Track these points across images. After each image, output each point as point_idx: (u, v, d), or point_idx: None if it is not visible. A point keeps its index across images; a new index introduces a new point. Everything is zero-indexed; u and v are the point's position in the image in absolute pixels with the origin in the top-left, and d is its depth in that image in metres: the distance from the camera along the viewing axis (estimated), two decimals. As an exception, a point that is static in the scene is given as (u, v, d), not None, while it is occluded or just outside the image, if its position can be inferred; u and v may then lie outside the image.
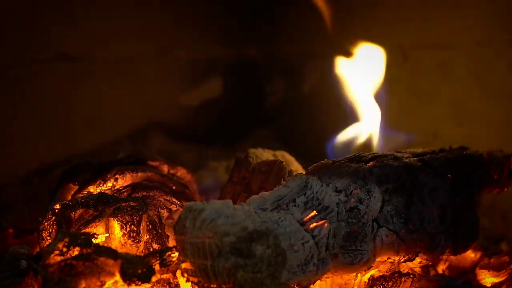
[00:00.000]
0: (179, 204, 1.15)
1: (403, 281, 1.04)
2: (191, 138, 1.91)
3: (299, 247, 0.91)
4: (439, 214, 1.04)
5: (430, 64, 1.69)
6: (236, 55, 1.94)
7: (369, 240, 0.99)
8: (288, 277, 0.90)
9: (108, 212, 1.07)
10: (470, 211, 1.08)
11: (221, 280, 0.88)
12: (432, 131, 1.67)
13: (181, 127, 1.93)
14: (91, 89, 1.74)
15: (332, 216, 0.97)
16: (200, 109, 1.94)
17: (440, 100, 1.69)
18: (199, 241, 0.88)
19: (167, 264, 0.96)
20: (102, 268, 0.93)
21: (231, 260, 0.87)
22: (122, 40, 1.77)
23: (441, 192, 1.05)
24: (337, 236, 0.96)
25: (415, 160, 1.07)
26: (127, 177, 1.18)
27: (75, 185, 1.18)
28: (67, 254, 0.93)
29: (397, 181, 1.03)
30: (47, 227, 1.08)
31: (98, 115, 1.77)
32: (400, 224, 1.01)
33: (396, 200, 1.02)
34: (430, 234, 1.03)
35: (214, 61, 1.94)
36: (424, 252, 1.04)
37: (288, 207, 0.96)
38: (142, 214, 1.08)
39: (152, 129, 1.88)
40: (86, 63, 1.73)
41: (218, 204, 0.91)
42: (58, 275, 0.92)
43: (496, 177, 1.16)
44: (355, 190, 1.00)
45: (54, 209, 1.09)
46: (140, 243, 1.06)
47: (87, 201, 1.09)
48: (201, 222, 0.89)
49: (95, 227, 1.06)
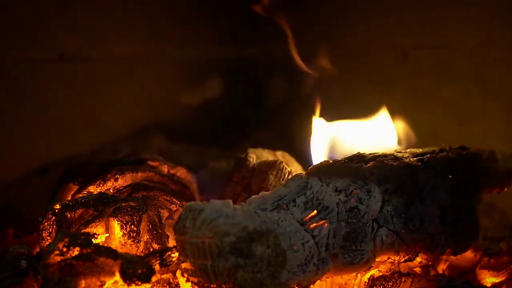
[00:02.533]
0: (179, 204, 1.15)
1: (403, 281, 1.04)
2: (191, 138, 1.91)
3: (299, 247, 0.91)
4: (439, 214, 1.04)
5: (430, 64, 1.69)
6: (236, 55, 1.94)
7: (369, 240, 0.99)
8: (288, 277, 0.90)
9: (108, 212, 1.07)
10: (470, 211, 1.08)
11: (221, 280, 0.88)
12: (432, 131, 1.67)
13: (181, 127, 1.93)
14: (91, 89, 1.74)
15: (332, 216, 0.97)
16: (200, 109, 1.94)
17: (440, 100, 1.69)
18: (199, 241, 0.88)
19: (167, 264, 0.96)
20: (102, 268, 0.93)
21: (231, 260, 0.87)
22: (122, 40, 1.77)
23: (441, 192, 1.05)
24: (337, 236, 0.96)
25: (415, 160, 1.07)
26: (127, 177, 1.18)
27: (75, 185, 1.18)
28: (67, 254, 0.94)
29: (397, 181, 1.03)
30: (47, 227, 1.08)
31: (98, 115, 1.77)
32: (400, 224, 1.01)
33: (396, 200, 1.02)
34: (430, 234, 1.03)
35: (214, 61, 1.94)
36: (424, 252, 1.04)
37: (288, 207, 0.96)
38: (142, 214, 1.08)
39: (152, 129, 1.88)
40: (86, 63, 1.73)
41: (218, 204, 0.91)
42: (58, 275, 0.92)
43: (496, 177, 1.16)
44: (355, 190, 1.00)
45: (54, 209, 1.09)
46: (140, 243, 1.06)
47: (87, 201, 1.09)
48: (201, 222, 0.89)
49: (95, 227, 1.06)
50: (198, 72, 1.93)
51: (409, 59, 1.72)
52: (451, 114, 1.68)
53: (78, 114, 1.74)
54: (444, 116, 1.69)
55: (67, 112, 1.71)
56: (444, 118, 1.69)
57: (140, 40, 1.81)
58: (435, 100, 1.70)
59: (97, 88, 1.76)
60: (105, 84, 1.77)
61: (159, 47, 1.85)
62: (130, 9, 1.78)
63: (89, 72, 1.74)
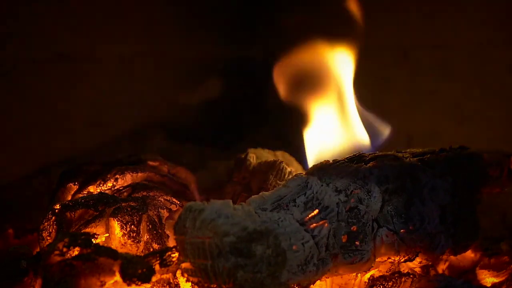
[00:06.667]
0: (179, 204, 1.15)
1: (403, 281, 1.04)
2: (191, 138, 1.91)
3: (299, 247, 0.91)
4: (439, 214, 1.04)
5: (430, 64, 1.70)
6: (236, 55, 1.94)
7: (369, 240, 0.99)
8: (288, 277, 0.90)
9: (108, 212, 1.07)
10: (470, 211, 1.08)
11: (221, 280, 0.88)
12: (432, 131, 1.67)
13: (181, 127, 1.93)
14: (91, 89, 1.74)
15: (332, 216, 0.97)
16: (200, 109, 1.94)
17: (440, 100, 1.69)
18: (199, 241, 0.88)
19: (167, 264, 0.96)
20: (102, 268, 0.93)
21: (231, 260, 0.87)
22: (122, 40, 1.78)
23: (441, 192, 1.05)
24: (337, 236, 0.96)
25: (415, 160, 1.07)
26: (127, 177, 1.18)
27: (75, 185, 1.18)
28: (67, 254, 0.94)
29: (397, 181, 1.03)
30: (47, 227, 1.08)
31: (98, 115, 1.77)
32: (400, 224, 1.01)
33: (396, 200, 1.02)
34: (430, 234, 1.03)
35: (214, 61, 1.94)
36: (424, 252, 1.04)
37: (288, 207, 0.96)
38: (142, 214, 1.08)
39: (152, 129, 1.88)
40: (86, 63, 1.73)
41: (218, 204, 0.91)
42: (58, 275, 0.92)
43: (496, 177, 1.16)
44: (355, 190, 1.00)
45: (54, 209, 1.09)
46: (140, 243, 1.06)
47: (87, 201, 1.09)
48: (201, 222, 0.89)
49: (95, 227, 1.06)
50: (198, 72, 1.93)
51: (409, 59, 1.72)
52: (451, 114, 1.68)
53: (78, 114, 1.74)
54: (444, 116, 1.69)
55: (67, 112, 1.72)
56: (444, 118, 1.69)
57: (140, 40, 1.81)
58: (435, 100, 1.70)
59: (97, 88, 1.76)
60: (105, 84, 1.77)
61: (159, 47, 1.85)
62: (130, 9, 1.78)
63: (89, 72, 1.74)
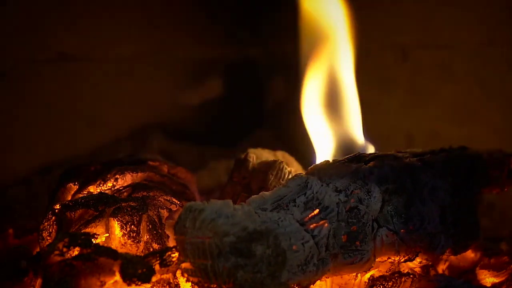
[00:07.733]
0: (179, 204, 1.15)
1: (403, 281, 1.04)
2: (191, 138, 1.91)
3: (299, 247, 0.91)
4: (439, 214, 1.04)
5: (430, 64, 1.70)
6: (236, 55, 1.94)
7: (369, 240, 0.99)
8: (288, 277, 0.90)
9: (108, 212, 1.07)
10: (470, 211, 1.08)
11: (221, 280, 0.88)
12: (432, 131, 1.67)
13: (181, 127, 1.93)
14: (91, 89, 1.74)
15: (332, 216, 0.97)
16: (200, 109, 1.94)
17: (440, 100, 1.69)
18: (199, 241, 0.88)
19: (167, 264, 0.96)
20: (102, 268, 0.93)
21: (231, 260, 0.87)
22: (122, 40, 1.78)
23: (441, 192, 1.05)
24: (337, 236, 0.96)
25: (415, 160, 1.07)
26: (127, 177, 1.18)
27: (75, 185, 1.18)
28: (67, 254, 0.94)
29: (397, 181, 1.03)
30: (47, 227, 1.08)
31: (98, 115, 1.77)
32: (400, 224, 1.01)
33: (396, 200, 1.02)
34: (430, 234, 1.03)
35: (214, 61, 1.94)
36: (424, 252, 1.04)
37: (288, 207, 0.96)
38: (142, 214, 1.08)
39: (152, 129, 1.88)
40: (86, 63, 1.73)
41: (218, 204, 0.91)
42: (58, 275, 0.92)
43: (496, 177, 1.16)
44: (355, 190, 1.00)
45: (54, 209, 1.09)
46: (140, 243, 1.06)
47: (87, 201, 1.09)
48: (201, 222, 0.89)
49: (95, 227, 1.06)
50: (198, 72, 1.93)
51: (409, 59, 1.72)
52: (451, 114, 1.68)
53: (78, 114, 1.74)
54: (444, 116, 1.69)
55: (67, 112, 1.72)
56: (444, 118, 1.69)
57: (140, 40, 1.81)
58: (435, 100, 1.70)
59: (97, 88, 1.76)
60: (105, 84, 1.77)
61: (159, 47, 1.85)
62: (130, 9, 1.78)
63: (89, 72, 1.74)
